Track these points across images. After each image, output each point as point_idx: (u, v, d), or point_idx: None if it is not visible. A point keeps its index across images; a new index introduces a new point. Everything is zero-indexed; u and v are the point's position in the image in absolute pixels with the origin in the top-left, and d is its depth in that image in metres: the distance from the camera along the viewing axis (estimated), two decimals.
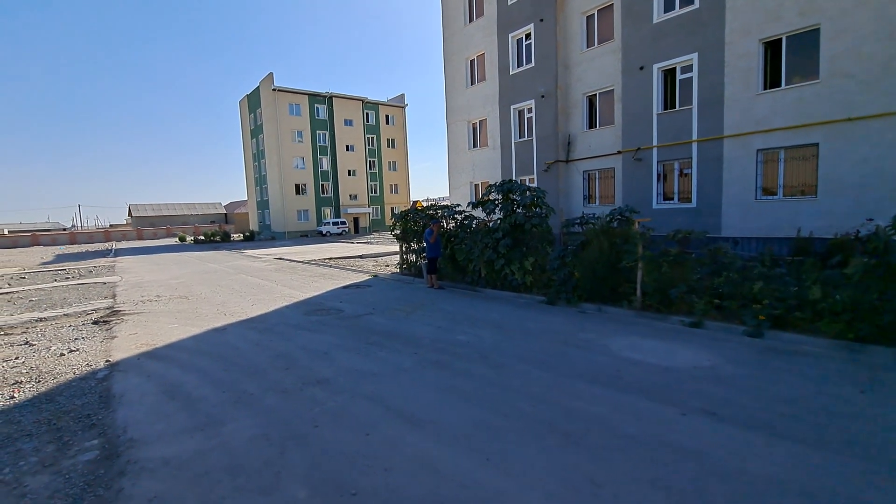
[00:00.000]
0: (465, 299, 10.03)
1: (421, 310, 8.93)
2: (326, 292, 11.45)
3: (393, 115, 59.60)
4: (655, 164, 16.33)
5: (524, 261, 9.83)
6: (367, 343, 6.76)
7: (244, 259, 24.25)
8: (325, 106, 52.63)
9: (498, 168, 22.26)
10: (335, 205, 53.87)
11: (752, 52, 13.43)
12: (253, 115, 53.79)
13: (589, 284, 8.63)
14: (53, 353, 6.96)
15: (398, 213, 14.11)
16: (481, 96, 22.96)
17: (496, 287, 10.94)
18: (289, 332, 7.64)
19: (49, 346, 7.34)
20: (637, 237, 8.15)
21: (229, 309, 9.78)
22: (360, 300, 10.25)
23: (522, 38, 20.55)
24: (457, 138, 24.88)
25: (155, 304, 10.72)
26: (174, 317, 9.18)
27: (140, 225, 72.42)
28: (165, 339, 7.43)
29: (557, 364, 5.54)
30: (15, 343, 7.71)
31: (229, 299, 11.01)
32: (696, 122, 15.00)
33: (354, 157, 54.72)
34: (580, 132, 19.08)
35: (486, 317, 8.24)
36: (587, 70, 18.56)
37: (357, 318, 8.43)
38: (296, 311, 9.26)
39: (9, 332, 8.66)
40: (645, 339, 6.43)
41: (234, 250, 32.00)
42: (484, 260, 10.78)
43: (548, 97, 19.41)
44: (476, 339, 6.83)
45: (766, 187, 13.75)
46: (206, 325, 8.34)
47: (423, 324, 7.88)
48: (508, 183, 10.26)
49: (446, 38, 24.88)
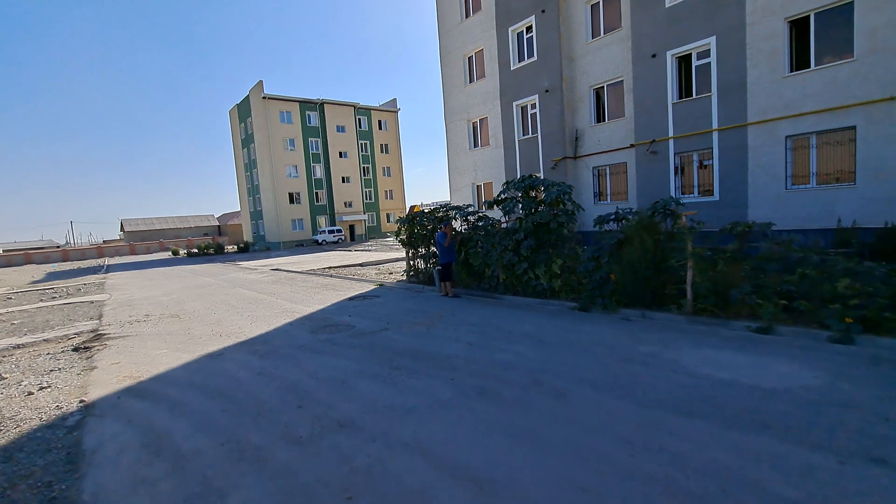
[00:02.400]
0: (487, 308, 9.03)
1: (442, 323, 7.91)
2: (332, 305, 10.39)
3: (385, 120, 58.74)
4: (672, 157, 15.47)
5: (551, 263, 8.87)
6: (390, 367, 5.73)
7: (239, 271, 23.15)
8: (316, 113, 51.65)
9: (501, 167, 21.36)
10: (330, 213, 52.78)
11: (777, 31, 12.61)
12: (243, 124, 52.67)
13: (630, 287, 7.68)
14: (23, 390, 5.93)
15: (403, 216, 13.12)
16: (481, 94, 22.07)
17: (517, 293, 9.97)
18: (296, 355, 6.60)
19: (20, 381, 6.31)
20: (686, 232, 7.22)
21: (225, 328, 8.72)
22: (371, 313, 9.21)
23: (523, 31, 19.71)
24: (456, 138, 23.96)
25: (143, 325, 9.64)
26: (164, 340, 8.11)
27: (133, 240, 70.91)
28: (152, 370, 6.40)
29: (630, 388, 4.55)
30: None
31: (225, 317, 9.93)
32: (716, 110, 14.16)
33: (348, 163, 53.71)
34: (588, 127, 18.22)
35: (518, 328, 7.24)
36: (593, 61, 17.72)
37: (372, 335, 7.38)
38: (301, 329, 8.19)
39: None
40: (719, 351, 5.44)
41: (228, 262, 30.87)
42: (503, 264, 9.82)
43: (552, 91, 18.55)
44: (518, 357, 5.83)
45: (796, 175, 12.90)
46: (200, 349, 7.28)
47: (450, 340, 6.87)
48: (529, 178, 9.32)
49: (442, 36, 23.99)
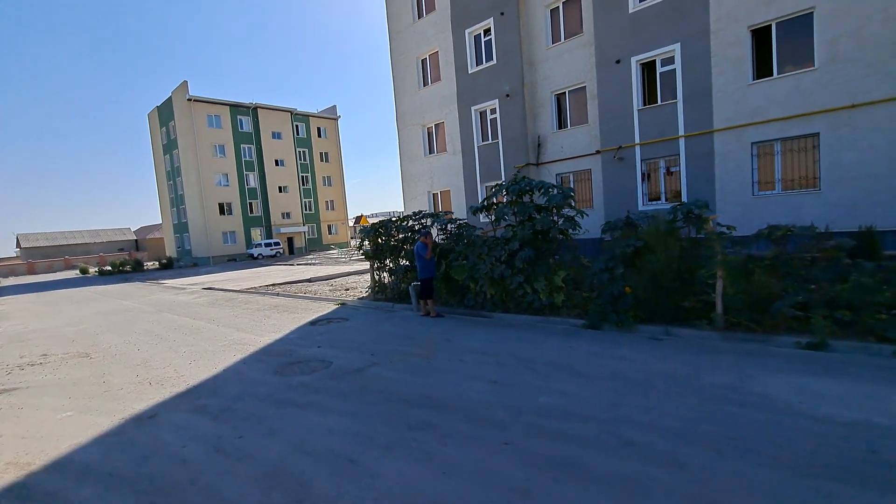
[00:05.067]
0: (482, 330, 7.79)
1: (440, 352, 6.53)
2: (291, 333, 8.60)
3: (325, 128, 56.40)
4: (639, 163, 15.25)
5: (553, 276, 7.85)
6: (407, 427, 4.17)
7: (164, 291, 20.22)
8: (249, 118, 48.34)
9: (460, 174, 20.40)
10: (266, 224, 49.35)
11: (741, 39, 12.69)
12: (165, 128, 48.06)
13: (651, 301, 6.80)
14: None
15: (366, 225, 11.65)
16: (437, 98, 21.06)
17: (507, 310, 8.86)
18: (264, 412, 4.80)
19: None
20: (714, 238, 6.46)
21: (156, 372, 6.68)
22: (345, 342, 7.60)
23: (481, 33, 19.00)
24: (410, 144, 22.73)
25: (38, 371, 7.31)
26: (67, 395, 5.95)
27: (32, 257, 62.28)
28: (49, 449, 4.39)
29: (751, 442, 3.39)
30: None
31: (154, 354, 7.82)
32: (682, 117, 14.07)
33: (285, 172, 50.69)
34: (550, 133, 17.75)
35: (539, 356, 6.00)
36: (554, 66, 17.32)
37: (358, 373, 5.81)
38: (260, 369, 6.38)
39: None
40: (802, 378, 4.51)
41: (149, 281, 27.30)
42: (493, 278, 8.67)
43: (513, 96, 17.92)
44: (568, 400, 4.55)
45: (763, 181, 12.98)
46: (122, 408, 5.28)
47: (464, 377, 5.44)
48: (523, 181, 8.28)
49: (393, 37, 22.79)
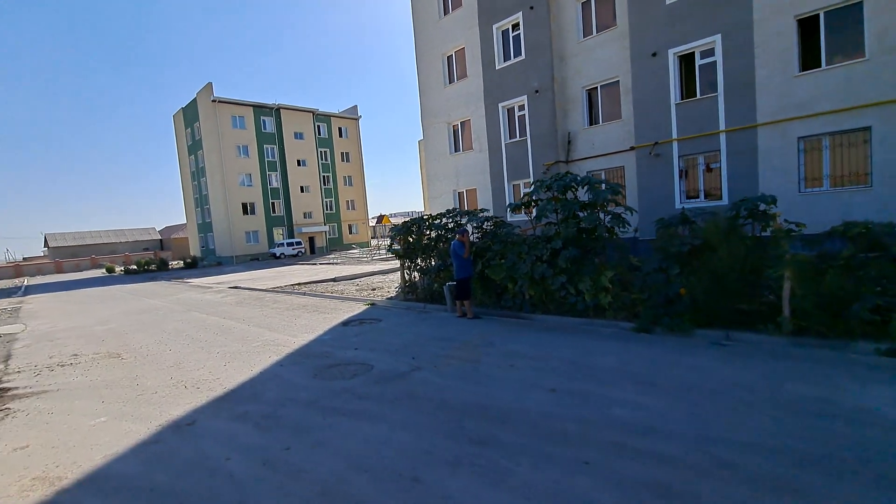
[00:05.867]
0: (526, 332, 7.39)
1: (486, 356, 6.16)
2: (325, 334, 8.36)
3: (346, 128, 56.58)
4: (676, 160, 14.64)
5: (599, 276, 7.42)
6: (468, 441, 3.79)
7: (191, 290, 20.32)
8: (272, 118, 48.78)
9: (486, 172, 20.01)
10: (288, 224, 49.70)
11: (786, 30, 12.04)
12: (190, 129, 48.81)
13: (712, 304, 6.32)
14: None
15: (398, 225, 11.37)
16: (463, 95, 20.71)
17: (548, 311, 8.45)
18: (309, 420, 4.48)
19: None
20: (782, 236, 5.96)
21: (191, 374, 6.47)
22: (382, 344, 7.30)
23: (509, 28, 18.58)
24: (435, 143, 22.43)
25: (69, 372, 7.19)
26: (100, 398, 5.73)
27: (59, 256, 64.00)
28: (83, 461, 4.01)
29: (879, 465, 2.96)
30: None
31: (186, 355, 7.64)
32: (723, 111, 13.44)
33: (307, 172, 51.00)
34: (581, 129, 17.24)
35: (597, 362, 5.57)
36: (586, 61, 16.81)
37: (402, 379, 5.49)
38: (299, 372, 6.11)
39: None
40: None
41: (175, 280, 27.60)
42: (533, 278, 8.27)
43: (542, 92, 17.46)
44: (642, 412, 4.07)
45: (810, 178, 12.30)
46: (158, 413, 5.03)
47: (520, 384, 5.03)
48: (567, 176, 7.87)
49: (418, 34, 22.53)
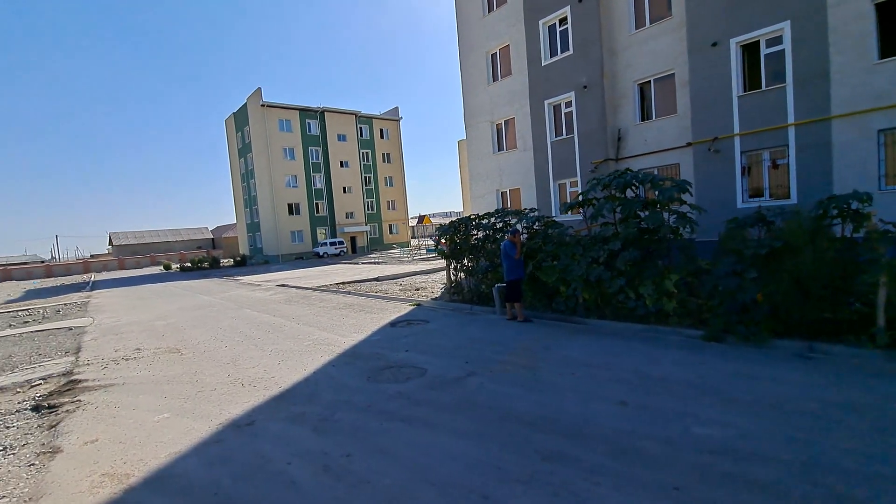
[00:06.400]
0: (580, 338, 7.05)
1: (544, 362, 5.88)
2: (374, 334, 8.32)
3: (387, 129, 57.21)
4: (738, 156, 13.74)
5: (663, 280, 6.97)
6: (539, 457, 3.54)
7: (241, 288, 21.03)
8: (316, 121, 49.98)
9: (531, 172, 19.58)
10: (331, 224, 50.79)
11: (864, 13, 11.02)
12: (240, 133, 50.79)
13: (794, 312, 5.77)
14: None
15: (444, 225, 11.22)
16: (507, 93, 20.38)
17: (604, 316, 8.05)
18: (367, 425, 4.43)
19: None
20: (877, 238, 5.35)
21: (246, 372, 6.60)
22: (433, 347, 7.16)
23: (556, 23, 18.08)
24: (478, 142, 22.20)
25: (133, 366, 7.49)
26: (162, 393, 5.93)
27: (122, 254, 68.25)
28: (148, 458, 4.14)
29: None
30: None
31: (241, 352, 7.81)
32: (791, 103, 12.47)
33: (349, 173, 51.94)
34: (632, 125, 16.53)
35: (669, 373, 5.14)
36: (638, 54, 16.10)
37: (457, 384, 5.30)
38: (351, 373, 6.08)
39: None
40: None
41: (226, 277, 28.69)
42: (589, 280, 7.90)
43: (591, 88, 16.87)
44: (730, 432, 3.67)
45: (891, 174, 11.21)
46: (218, 412, 5.11)
47: (585, 395, 4.73)
48: (628, 173, 7.45)
49: (462, 33, 22.38)
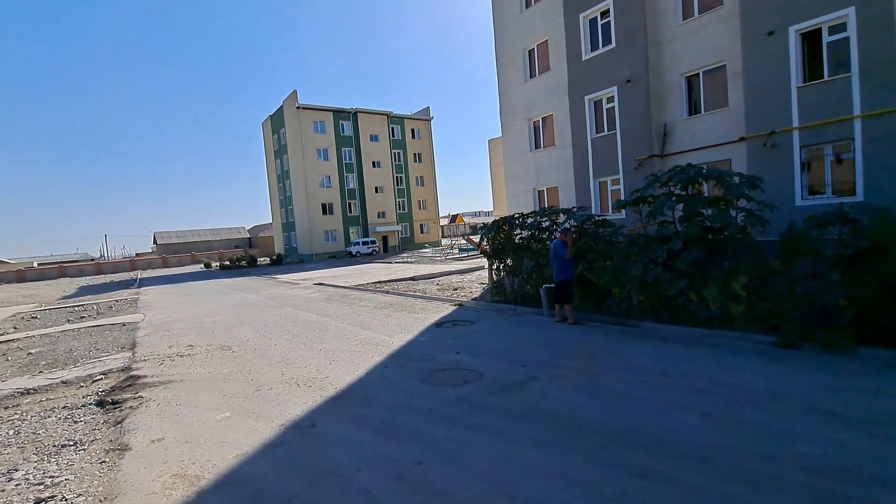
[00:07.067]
0: (639, 342, 6.69)
1: (605, 368, 5.59)
2: (420, 335, 8.22)
3: (419, 129, 57.37)
4: (797, 151, 12.94)
5: (730, 281, 6.55)
6: (627, 472, 3.31)
7: (280, 286, 21.42)
8: (349, 122, 50.63)
9: (570, 169, 19.11)
10: (363, 224, 51.35)
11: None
12: (276, 135, 51.99)
13: (885, 317, 5.29)
14: (10, 497, 3.69)
15: (490, 222, 11.02)
16: (545, 89, 19.97)
17: (660, 319, 7.66)
18: (432, 431, 4.26)
19: (13, 471, 4.16)
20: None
21: (299, 371, 6.59)
22: (484, 349, 6.97)
23: (597, 16, 17.56)
24: (514, 140, 21.87)
25: (188, 363, 7.65)
26: (220, 391, 5.99)
27: (165, 253, 71.09)
28: (216, 460, 4.09)
29: None
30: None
31: (292, 351, 7.84)
32: (857, 93, 11.64)
33: (381, 173, 52.38)
34: (679, 120, 15.87)
35: (745, 382, 4.76)
36: (686, 45, 15.44)
37: (519, 389, 5.10)
38: (405, 375, 5.98)
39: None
40: None
41: (264, 276, 29.34)
42: (646, 281, 7.54)
43: (635, 82, 16.29)
44: (840, 451, 3.36)
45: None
46: (278, 412, 5.07)
47: (661, 405, 4.40)
48: (690, 168, 7.06)
49: (498, 29, 22.11)
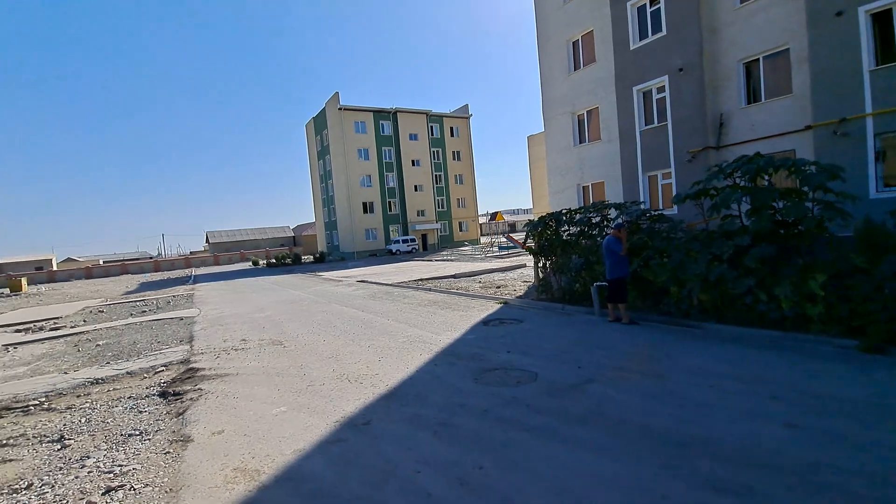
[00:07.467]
0: (702, 344, 6.27)
1: (668, 371, 5.22)
2: (467, 333, 8.09)
3: (457, 127, 57.24)
4: (871, 139, 11.88)
5: (806, 280, 6.03)
6: (712, 488, 3.04)
7: (324, 283, 21.87)
8: (389, 122, 51.19)
9: (616, 164, 18.43)
10: (403, 222, 51.81)
11: None
12: (319, 136, 53.28)
13: None
14: (80, 488, 3.76)
15: (535, 219, 10.75)
16: (590, 81, 19.36)
17: (723, 320, 7.18)
18: (490, 433, 4.11)
19: (84, 458, 4.32)
20: None
21: (350, 367, 6.62)
22: (534, 348, 6.76)
23: (646, 3, 16.81)
24: (557, 134, 21.34)
25: (242, 357, 7.87)
26: (274, 385, 6.09)
27: (216, 251, 74.43)
28: (275, 454, 4.12)
29: None
30: (44, 437, 5.00)
31: (341, 347, 7.92)
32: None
33: (420, 171, 52.65)
34: (737, 109, 14.95)
35: (828, 390, 4.35)
36: (744, 30, 14.51)
37: (577, 391, 4.88)
38: (457, 374, 5.86)
39: (52, 407, 6.09)
40: None
41: (308, 273, 30.10)
42: (709, 280, 7.08)
43: (688, 70, 15.49)
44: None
45: None
46: (332, 408, 5.06)
47: (738, 413, 4.05)
48: (759, 158, 6.56)
49: (540, 22, 21.63)
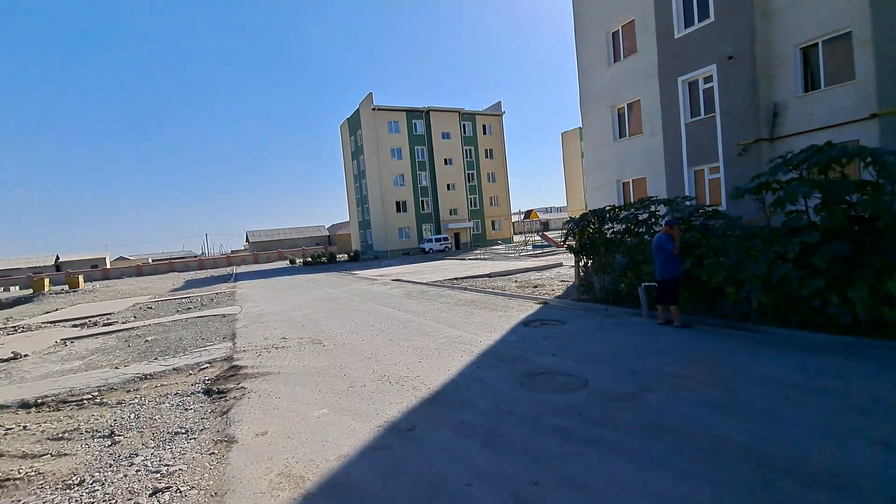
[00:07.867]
0: (769, 350, 5.76)
1: (733, 380, 4.78)
2: (508, 334, 7.85)
3: (490, 125, 56.69)
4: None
5: (886, 281, 5.47)
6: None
7: (359, 281, 22.03)
8: (422, 121, 51.21)
9: (660, 158, 17.64)
10: (435, 221, 51.78)
11: None
12: (353, 137, 53.95)
13: None
14: (128, 488, 3.76)
15: (574, 217, 10.36)
16: (631, 73, 18.62)
17: (786, 324, 6.65)
18: (544, 445, 3.83)
19: (133, 456, 4.34)
20: None
21: (390, 368, 6.52)
22: (581, 352, 6.45)
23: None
24: (596, 129, 20.67)
25: (283, 355, 7.90)
26: (316, 385, 6.04)
27: (256, 250, 76.79)
28: (318, 460, 3.98)
29: None
30: (96, 432, 5.11)
31: (379, 347, 7.85)
32: None
33: (453, 170, 52.44)
34: (793, 98, 13.99)
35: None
36: (800, 14, 13.56)
37: (632, 400, 4.56)
38: (501, 377, 5.61)
39: (103, 402, 6.26)
40: None
41: (343, 272, 30.48)
42: (771, 281, 6.56)
43: (739, 58, 14.62)
44: None
45: None
46: (374, 412, 4.92)
47: (821, 430, 3.67)
48: (831, 147, 6.01)
49: (578, 14, 21.01)
